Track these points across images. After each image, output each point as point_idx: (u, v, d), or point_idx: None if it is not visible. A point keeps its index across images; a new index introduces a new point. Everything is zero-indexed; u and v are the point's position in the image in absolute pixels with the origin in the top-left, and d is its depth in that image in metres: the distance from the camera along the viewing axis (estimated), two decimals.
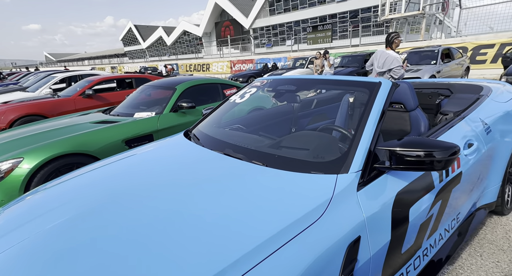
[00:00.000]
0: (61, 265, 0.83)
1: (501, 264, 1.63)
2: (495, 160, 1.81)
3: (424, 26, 15.06)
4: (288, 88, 1.98)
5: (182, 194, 1.10)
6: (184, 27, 35.32)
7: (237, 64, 20.59)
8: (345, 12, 21.11)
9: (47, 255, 0.88)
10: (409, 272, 1.27)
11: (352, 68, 10.09)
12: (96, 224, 0.99)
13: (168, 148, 1.66)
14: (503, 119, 1.92)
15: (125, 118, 3.16)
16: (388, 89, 1.46)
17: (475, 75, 9.88)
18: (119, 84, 6.57)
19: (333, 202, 1.00)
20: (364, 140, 1.21)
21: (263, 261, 0.77)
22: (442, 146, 1.07)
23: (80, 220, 1.04)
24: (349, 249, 0.93)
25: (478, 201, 1.78)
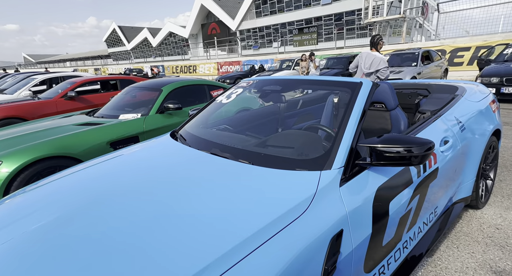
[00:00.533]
0: (45, 266, 0.82)
1: (476, 255, 1.72)
2: (469, 156, 1.91)
3: (405, 29, 15.56)
4: (274, 88, 2.02)
5: (168, 194, 1.11)
6: (170, 28, 34.95)
7: (224, 65, 20.56)
8: (330, 15, 21.53)
9: (30, 256, 0.87)
10: (390, 264, 1.32)
11: (337, 70, 10.29)
12: (80, 225, 0.99)
13: (154, 148, 1.66)
14: (476, 117, 2.03)
15: (110, 120, 3.11)
16: (369, 89, 1.51)
17: (453, 76, 10.30)
18: (103, 86, 6.45)
19: (316, 197, 1.03)
20: (346, 137, 1.26)
21: (251, 253, 0.80)
22: (418, 142, 1.13)
23: (64, 221, 1.03)
24: (332, 242, 0.96)
25: (454, 196, 1.87)
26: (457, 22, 12.74)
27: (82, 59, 53.16)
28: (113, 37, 46.06)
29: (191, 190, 1.11)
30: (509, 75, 5.74)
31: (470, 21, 12.35)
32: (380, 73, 4.11)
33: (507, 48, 6.96)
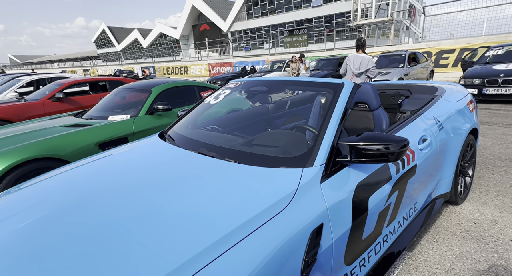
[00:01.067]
0: (31, 264, 0.84)
1: (453, 248, 1.81)
2: (447, 154, 2.00)
3: (392, 31, 15.89)
4: (260, 89, 2.07)
5: (155, 191, 1.14)
6: (160, 29, 34.73)
7: (215, 67, 20.55)
8: (320, 17, 21.82)
9: (17, 253, 0.89)
10: (371, 257, 1.38)
11: (327, 71, 10.44)
12: (67, 223, 1.01)
13: (143, 149, 1.68)
14: (454, 116, 2.12)
15: (98, 121, 3.11)
16: (350, 89, 1.58)
17: (439, 78, 10.58)
18: (92, 87, 6.39)
19: (298, 193, 1.08)
20: (327, 136, 1.31)
21: (235, 245, 0.84)
22: (394, 140, 1.19)
23: (51, 219, 1.04)
24: (312, 236, 1.01)
25: (433, 192, 1.96)
26: (442, 25, 13.09)
27: (71, 60, 52.21)
28: (103, 38, 45.46)
29: (177, 188, 1.15)
30: (490, 76, 5.95)
31: (455, 24, 12.72)
32: (370, 72, 4.40)
33: (488, 50, 7.22)
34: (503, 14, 11.32)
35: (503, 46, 7.06)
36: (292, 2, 22.86)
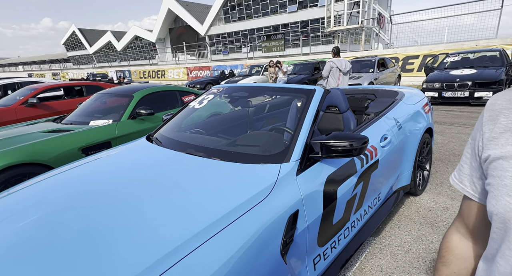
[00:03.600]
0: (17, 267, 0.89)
1: (412, 232, 2.08)
2: (406, 151, 2.28)
3: (363, 38, 16.77)
4: (241, 94, 2.25)
5: (147, 189, 1.27)
6: (135, 32, 33.94)
7: (194, 70, 20.48)
8: (296, 22, 22.47)
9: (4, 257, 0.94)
10: (340, 240, 1.59)
11: (303, 75, 10.84)
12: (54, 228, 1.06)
13: (133, 150, 1.79)
14: (411, 117, 2.42)
15: (80, 126, 3.12)
16: (321, 94, 1.80)
17: (406, 82, 11.36)
18: (67, 92, 6.23)
19: (277, 185, 1.26)
20: (301, 135, 1.51)
21: (226, 227, 1.00)
22: (356, 137, 1.41)
23: (40, 222, 1.11)
24: (289, 220, 1.19)
25: (395, 184, 2.23)
26: (408, 32, 14.06)
27: (38, 63, 49.38)
28: (73, 40, 43.55)
29: (169, 184, 1.29)
30: (448, 81, 6.56)
31: (419, 32, 13.71)
32: (350, 70, 5.78)
33: (447, 57, 7.91)
34: (462, 23, 12.38)
35: (459, 53, 7.78)
36: (269, 7, 23.36)
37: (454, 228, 0.65)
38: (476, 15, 11.78)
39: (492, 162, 0.49)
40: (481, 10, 11.60)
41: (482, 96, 6.17)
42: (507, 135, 0.48)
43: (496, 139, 0.49)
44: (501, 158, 0.47)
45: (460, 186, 0.59)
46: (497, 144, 0.49)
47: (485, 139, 0.51)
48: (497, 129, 0.50)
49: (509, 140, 0.47)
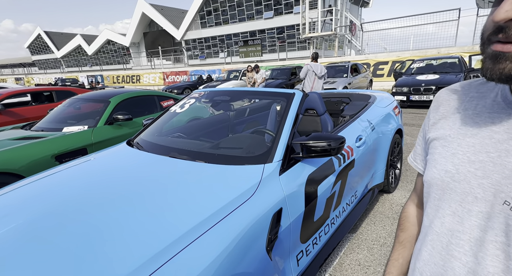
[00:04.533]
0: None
1: (386, 227, 2.22)
2: (379, 150, 2.43)
3: (337, 44, 17.47)
4: (223, 98, 2.29)
5: (130, 194, 1.27)
6: (107, 36, 32.83)
7: (170, 75, 20.15)
8: (272, 28, 22.90)
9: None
10: (321, 236, 1.67)
11: (281, 80, 11.07)
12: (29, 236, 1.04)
13: (113, 156, 1.77)
14: (383, 119, 2.59)
15: (52, 133, 2.99)
16: (300, 98, 1.89)
17: (377, 86, 11.95)
18: (36, 98, 5.90)
19: (261, 184, 1.31)
20: (283, 137, 1.58)
21: (214, 226, 1.03)
22: (334, 138, 1.50)
23: (13, 232, 1.07)
24: (274, 217, 1.25)
25: (370, 182, 2.36)
26: (377, 39, 14.85)
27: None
28: (38, 43, 41.23)
29: (155, 186, 1.29)
30: (415, 85, 7.02)
31: (388, 39, 14.54)
32: (325, 74, 6.26)
33: (413, 63, 8.47)
34: (425, 32, 13.31)
35: (423, 60, 8.36)
36: (245, 13, 23.64)
37: (410, 201, 0.78)
38: (437, 25, 12.73)
39: (431, 143, 0.60)
40: (441, 20, 12.56)
41: None
42: (442, 121, 0.59)
43: (436, 124, 0.61)
44: (435, 139, 0.59)
45: (414, 164, 0.70)
46: (435, 128, 0.60)
47: (430, 124, 0.63)
48: (437, 116, 0.61)
49: (443, 125, 0.58)
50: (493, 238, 0.45)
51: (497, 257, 0.45)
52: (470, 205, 0.48)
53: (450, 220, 0.51)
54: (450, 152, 0.54)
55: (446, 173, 0.53)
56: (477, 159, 0.49)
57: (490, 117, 0.50)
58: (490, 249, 0.46)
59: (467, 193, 0.49)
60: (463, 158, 0.51)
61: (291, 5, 20.99)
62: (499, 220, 0.45)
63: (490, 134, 0.49)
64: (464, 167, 0.50)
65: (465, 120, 0.54)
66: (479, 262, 0.47)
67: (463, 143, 0.52)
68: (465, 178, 0.49)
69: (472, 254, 0.48)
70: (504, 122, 0.48)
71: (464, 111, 0.56)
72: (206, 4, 25.00)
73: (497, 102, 0.51)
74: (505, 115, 0.48)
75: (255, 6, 22.79)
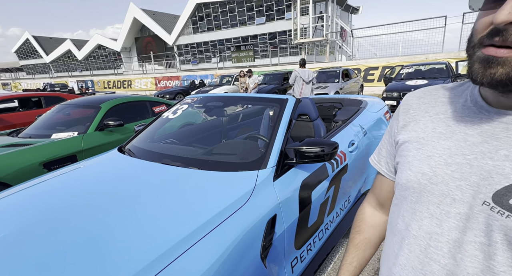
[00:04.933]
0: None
1: None
2: (371, 155, 2.45)
3: (328, 49, 17.74)
4: (217, 104, 2.28)
5: (121, 202, 1.24)
6: (98, 40, 32.53)
7: (162, 80, 20.05)
8: (265, 34, 23.11)
9: None
10: (315, 242, 1.66)
11: (273, 85, 11.15)
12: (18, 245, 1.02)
13: (104, 162, 1.73)
14: (375, 124, 2.62)
15: (40, 140, 2.92)
16: (293, 103, 1.90)
17: (368, 91, 12.15)
18: (23, 104, 5.77)
19: (255, 191, 1.31)
20: (277, 143, 1.58)
21: (209, 233, 1.02)
22: (328, 143, 1.51)
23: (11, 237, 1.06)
24: (268, 224, 1.24)
25: (362, 187, 2.38)
26: (367, 45, 15.15)
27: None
28: (27, 48, 40.54)
29: (148, 194, 1.27)
30: (404, 90, 7.16)
31: (377, 45, 14.86)
32: (314, 79, 6.47)
33: (402, 69, 8.65)
34: (413, 38, 13.65)
35: (412, 65, 8.55)
36: (237, 18, 23.82)
37: (366, 202, 0.78)
38: (425, 31, 13.08)
39: (401, 145, 0.61)
40: (428, 27, 12.91)
41: None
42: (413, 124, 0.60)
43: (406, 126, 0.61)
44: (407, 141, 0.59)
45: (378, 166, 0.71)
46: (406, 130, 0.61)
47: (399, 127, 0.63)
48: (407, 118, 0.62)
49: (415, 127, 0.59)
50: (472, 239, 0.46)
51: (476, 257, 0.45)
52: (448, 207, 0.49)
53: (428, 222, 0.51)
54: (425, 154, 0.54)
55: (423, 176, 0.53)
56: (453, 161, 0.50)
57: (463, 121, 0.52)
58: (469, 250, 0.46)
59: (445, 195, 0.49)
60: (439, 161, 0.51)
61: (282, 11, 21.26)
62: (478, 220, 0.45)
63: (465, 137, 0.50)
64: (441, 170, 0.51)
65: (437, 123, 0.55)
66: (458, 263, 0.47)
67: (438, 145, 0.53)
68: (442, 180, 0.50)
69: (450, 256, 0.48)
70: (476, 126, 0.49)
71: (436, 115, 0.57)
72: (198, 9, 25.10)
73: (468, 107, 0.53)
74: (477, 119, 0.50)
75: (247, 12, 23.00)
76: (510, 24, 0.38)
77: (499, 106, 0.48)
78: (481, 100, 0.51)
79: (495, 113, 0.48)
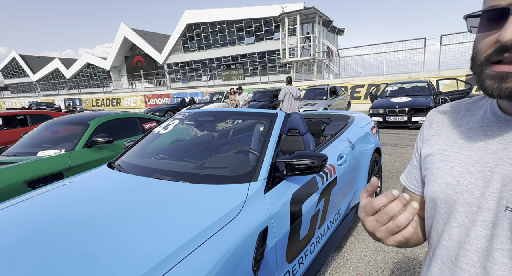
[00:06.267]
0: None
1: (370, 245, 2.23)
2: (359, 169, 2.51)
3: (316, 68, 18.34)
4: (207, 119, 2.31)
5: (112, 216, 1.23)
6: (87, 59, 32.60)
7: (152, 98, 20.06)
8: (254, 53, 23.76)
9: None
10: (307, 255, 1.66)
11: (263, 102, 11.34)
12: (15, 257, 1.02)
13: (94, 178, 1.70)
14: (362, 138, 2.70)
15: (25, 158, 2.85)
16: (283, 118, 1.95)
17: (355, 108, 12.50)
18: (7, 122, 5.64)
19: (247, 203, 1.31)
20: (267, 156, 1.61)
21: (200, 245, 1.01)
22: (317, 155, 1.55)
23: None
24: (260, 236, 1.24)
25: (352, 200, 2.40)
26: (353, 65, 15.77)
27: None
28: (13, 67, 40.13)
29: (136, 210, 1.26)
30: (390, 107, 7.43)
31: (363, 64, 15.48)
32: (299, 96, 7.02)
33: (387, 86, 9.01)
34: (396, 58, 14.32)
35: (396, 83, 8.93)
36: (227, 38, 24.49)
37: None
38: (407, 52, 13.77)
39: (426, 158, 0.63)
40: (409, 48, 13.62)
41: (417, 120, 7.08)
42: (436, 137, 0.62)
43: (429, 140, 0.64)
44: (431, 154, 0.61)
45: (406, 183, 0.72)
46: (429, 143, 0.63)
47: (423, 140, 0.65)
48: (431, 132, 0.64)
49: (438, 140, 0.62)
50: (500, 246, 0.46)
51: (505, 265, 0.45)
52: (474, 215, 0.49)
53: (458, 232, 0.52)
54: (448, 165, 0.55)
55: (447, 186, 0.54)
56: (475, 170, 0.51)
57: (482, 131, 0.54)
58: (497, 257, 0.46)
59: (471, 204, 0.50)
60: (462, 170, 0.53)
61: (271, 32, 22.06)
62: (503, 226, 0.46)
63: (485, 146, 0.52)
64: (465, 179, 0.52)
65: (459, 135, 0.57)
66: (487, 272, 0.47)
67: (460, 156, 0.54)
68: (467, 189, 0.51)
69: (480, 265, 0.48)
70: (496, 134, 0.51)
71: (458, 127, 0.59)
72: (189, 29, 25.74)
73: (487, 117, 0.55)
74: (496, 128, 0.52)
75: (237, 32, 23.73)
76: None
77: None
78: (499, 111, 0.53)
79: None
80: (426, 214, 0.62)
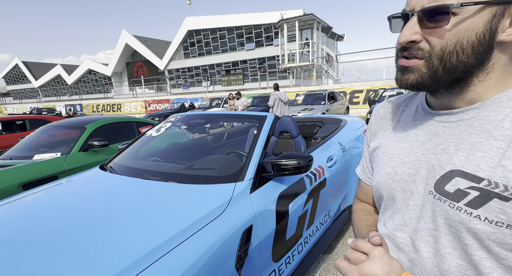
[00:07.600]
0: None
1: None
2: (351, 172, 2.53)
3: (315, 74, 18.46)
4: (199, 121, 2.35)
5: (97, 215, 1.25)
6: (89, 65, 32.94)
7: (152, 103, 20.19)
8: (254, 59, 23.97)
9: None
10: (295, 255, 1.67)
11: (262, 107, 11.39)
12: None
13: (84, 179, 1.73)
14: (353, 141, 2.72)
15: (21, 161, 2.88)
16: (272, 120, 1.98)
17: (354, 113, 12.52)
18: (6, 127, 5.70)
19: (232, 202, 1.33)
20: (255, 156, 1.63)
21: (181, 243, 1.03)
22: (303, 156, 1.57)
23: None
24: (244, 234, 1.25)
25: (343, 203, 2.41)
26: (352, 70, 15.88)
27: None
28: (15, 73, 40.55)
29: (122, 208, 1.28)
30: None
31: (362, 70, 15.59)
32: (288, 101, 7.34)
33: (385, 91, 9.07)
34: None
35: (394, 88, 8.99)
36: (228, 44, 24.73)
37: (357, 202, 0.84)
38: None
39: (373, 152, 0.69)
40: None
41: None
42: (381, 132, 0.69)
43: (376, 134, 0.70)
44: (377, 147, 0.67)
45: (362, 176, 0.79)
46: (376, 138, 0.69)
47: (371, 135, 0.72)
48: (377, 127, 0.70)
49: (382, 135, 0.68)
50: (424, 225, 0.52)
51: (428, 242, 0.52)
52: (408, 200, 0.56)
53: (398, 216, 0.58)
54: (388, 157, 0.62)
55: (387, 176, 0.60)
56: (408, 159, 0.57)
57: (414, 124, 0.61)
58: (423, 236, 0.52)
59: (405, 190, 0.57)
60: (398, 160, 0.59)
61: (271, 38, 22.29)
62: (427, 208, 0.52)
63: (416, 138, 0.58)
64: (400, 168, 0.58)
65: (397, 128, 0.64)
66: (416, 249, 0.54)
67: (397, 147, 0.61)
68: (401, 178, 0.57)
69: (411, 244, 0.54)
70: (424, 127, 0.58)
71: (397, 122, 0.66)
72: (190, 36, 26.04)
73: (418, 112, 0.62)
74: (424, 121, 0.58)
75: (237, 38, 23.98)
76: (411, 42, 0.50)
77: (438, 107, 0.57)
78: (426, 105, 0.60)
79: (436, 114, 0.57)
80: (376, 203, 0.68)
